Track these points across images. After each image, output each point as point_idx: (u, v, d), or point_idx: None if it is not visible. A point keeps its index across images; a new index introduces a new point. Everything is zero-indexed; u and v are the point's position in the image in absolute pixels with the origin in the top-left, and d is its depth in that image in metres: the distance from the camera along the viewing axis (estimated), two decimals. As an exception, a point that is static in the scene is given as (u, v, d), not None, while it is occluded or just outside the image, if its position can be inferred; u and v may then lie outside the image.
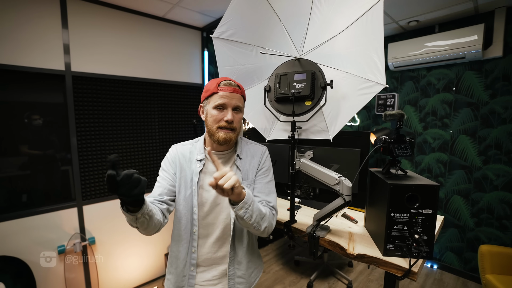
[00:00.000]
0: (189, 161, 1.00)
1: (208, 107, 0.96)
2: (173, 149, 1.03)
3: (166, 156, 1.03)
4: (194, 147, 1.03)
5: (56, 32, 1.88)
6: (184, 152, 1.01)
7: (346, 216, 1.32)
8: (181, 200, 0.97)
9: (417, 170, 2.75)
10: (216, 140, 0.94)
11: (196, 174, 0.97)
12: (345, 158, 1.15)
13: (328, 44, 1.19)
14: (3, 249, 1.77)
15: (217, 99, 0.93)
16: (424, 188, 0.90)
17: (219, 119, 0.93)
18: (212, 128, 0.94)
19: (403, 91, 2.80)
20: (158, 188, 0.97)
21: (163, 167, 1.01)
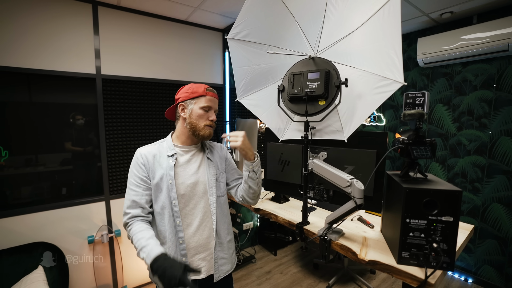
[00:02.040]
0: (159, 159, 1.06)
1: (194, 107, 1.07)
2: (139, 153, 1.07)
3: (134, 161, 1.06)
4: (161, 146, 1.10)
5: (88, 38, 2.05)
6: (152, 152, 1.07)
7: (362, 220, 1.27)
8: (161, 197, 1.04)
9: (450, 174, 2.53)
10: (202, 135, 1.08)
11: (171, 168, 1.05)
12: (360, 160, 1.11)
13: (344, 42, 1.15)
14: (43, 235, 1.97)
15: (205, 102, 1.08)
16: (443, 193, 0.83)
17: (205, 118, 1.08)
18: (199, 125, 1.07)
19: (435, 89, 2.60)
20: (136, 196, 1.02)
21: (134, 173, 1.04)
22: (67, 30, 1.97)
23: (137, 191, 1.02)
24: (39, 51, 1.89)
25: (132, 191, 1.02)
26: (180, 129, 1.12)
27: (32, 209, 1.95)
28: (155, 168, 1.05)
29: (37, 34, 1.87)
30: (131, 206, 1.01)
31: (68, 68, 1.99)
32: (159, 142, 1.13)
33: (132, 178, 1.04)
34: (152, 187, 1.04)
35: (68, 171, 2.13)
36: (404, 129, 2.95)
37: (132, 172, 1.05)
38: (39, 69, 1.89)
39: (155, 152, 1.07)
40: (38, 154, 2.03)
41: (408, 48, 2.76)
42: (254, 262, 2.90)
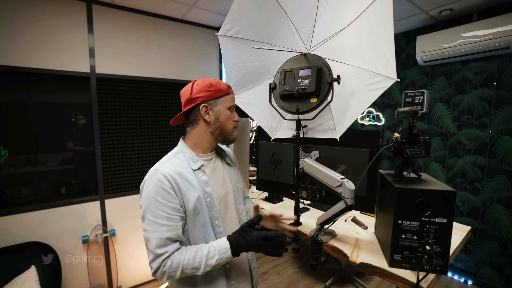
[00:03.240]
0: (186, 176, 0.84)
1: (221, 108, 0.91)
2: (162, 175, 0.80)
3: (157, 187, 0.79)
4: (179, 160, 0.88)
5: (82, 37, 2.03)
6: (177, 170, 0.84)
7: (356, 221, 1.23)
8: (199, 221, 0.84)
9: (449, 174, 2.49)
10: (232, 139, 0.95)
11: (205, 183, 0.87)
12: (353, 159, 1.08)
13: (337, 38, 1.12)
14: (37, 235, 1.95)
15: (231, 101, 0.94)
16: (437, 194, 0.80)
17: (231, 119, 0.94)
18: (228, 128, 0.93)
19: (434, 88, 2.56)
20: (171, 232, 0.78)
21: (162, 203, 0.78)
22: (61, 28, 1.95)
23: (171, 225, 0.78)
24: (33, 50, 1.87)
25: (163, 226, 0.77)
26: (200, 135, 0.91)
27: (26, 208, 1.93)
28: (187, 190, 0.83)
29: (31, 32, 1.85)
30: (165, 244, 0.77)
31: (62, 67, 1.97)
32: (173, 155, 0.89)
33: (160, 210, 0.78)
34: (188, 214, 0.82)
35: (62, 171, 2.11)
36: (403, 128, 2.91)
37: (157, 202, 0.78)
38: (33, 67, 1.87)
39: (179, 170, 0.84)
40: (33, 154, 2.01)
41: (407, 46, 2.72)
42: (251, 263, 2.87)
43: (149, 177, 0.82)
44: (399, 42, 2.79)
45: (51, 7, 1.91)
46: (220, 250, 0.79)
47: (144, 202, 0.80)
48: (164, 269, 0.76)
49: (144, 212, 0.79)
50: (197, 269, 0.77)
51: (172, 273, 0.76)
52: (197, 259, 0.77)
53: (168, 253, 0.77)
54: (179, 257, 0.77)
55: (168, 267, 0.76)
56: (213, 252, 0.78)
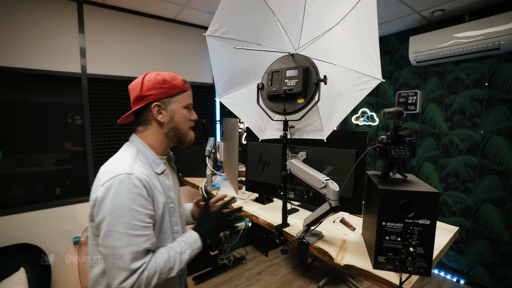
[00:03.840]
0: (153, 181, 0.77)
1: (177, 106, 0.83)
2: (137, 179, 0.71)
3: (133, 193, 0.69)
4: (141, 162, 0.79)
5: (73, 36, 2.01)
6: (146, 173, 0.76)
7: (344, 222, 1.23)
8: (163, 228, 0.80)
9: (442, 174, 2.50)
10: (189, 140, 0.88)
11: (169, 188, 0.82)
12: (340, 160, 1.07)
13: (324, 38, 1.12)
14: (27, 237, 1.93)
15: (187, 98, 0.86)
16: (420, 195, 0.79)
17: (188, 119, 0.87)
18: (184, 129, 0.86)
19: (427, 88, 2.56)
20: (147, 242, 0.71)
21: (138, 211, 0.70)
22: (51, 28, 1.93)
23: (148, 235, 0.71)
24: (24, 50, 1.85)
25: (141, 237, 0.69)
26: (155, 136, 0.83)
27: (17, 210, 1.91)
28: (156, 196, 0.77)
29: (22, 33, 1.83)
30: (141, 257, 0.69)
31: (53, 67, 1.95)
32: (134, 155, 0.78)
33: (136, 220, 0.69)
34: (156, 221, 0.77)
35: (54, 172, 2.09)
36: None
37: (133, 211, 0.69)
38: (25, 68, 1.85)
39: (147, 173, 0.77)
40: (27, 155, 1.99)
41: (401, 46, 2.72)
42: (245, 263, 2.87)
43: (118, 183, 0.69)
44: (393, 43, 2.79)
45: (41, 7, 1.88)
46: (190, 242, 0.79)
47: (113, 213, 0.67)
48: (140, 282, 0.68)
49: (112, 226, 0.67)
50: (171, 270, 0.74)
51: (148, 283, 0.69)
52: (171, 258, 0.74)
53: (145, 264, 0.70)
54: (154, 263, 0.71)
55: (144, 279, 0.68)
56: (185, 247, 0.78)
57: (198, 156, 1.98)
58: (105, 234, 0.68)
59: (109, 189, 0.69)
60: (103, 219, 0.69)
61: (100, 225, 0.69)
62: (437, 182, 2.54)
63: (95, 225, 0.73)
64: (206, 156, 1.81)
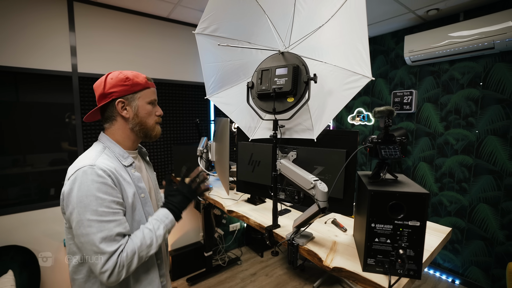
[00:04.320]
0: (120, 173, 0.82)
1: (141, 102, 0.87)
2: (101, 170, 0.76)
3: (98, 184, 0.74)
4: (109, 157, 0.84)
5: (64, 35, 1.97)
6: (112, 165, 0.81)
7: (336, 223, 1.21)
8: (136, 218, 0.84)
9: (437, 174, 2.49)
10: (155, 135, 0.93)
11: (139, 179, 0.87)
12: (330, 160, 1.05)
13: (315, 36, 1.10)
14: (15, 239, 1.89)
15: (151, 95, 0.90)
16: (410, 196, 0.77)
17: (153, 114, 0.91)
18: (149, 124, 0.90)
19: (422, 88, 2.55)
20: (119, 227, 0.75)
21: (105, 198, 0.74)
22: (41, 26, 1.89)
23: (118, 220, 0.76)
24: (13, 48, 1.81)
25: (111, 223, 0.73)
26: (121, 132, 0.88)
27: (5, 211, 1.87)
28: (125, 186, 0.81)
29: (10, 31, 1.80)
30: (116, 240, 0.73)
31: (43, 66, 1.92)
32: (100, 151, 0.84)
33: (104, 207, 0.73)
34: (127, 210, 0.81)
35: (44, 173, 2.06)
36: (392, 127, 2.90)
37: (99, 198, 0.73)
38: (18, 66, 1.82)
39: (113, 165, 0.81)
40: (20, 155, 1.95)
41: (396, 46, 2.71)
42: (240, 264, 2.84)
43: (82, 175, 0.73)
44: (388, 42, 2.78)
45: (30, 5, 1.85)
46: (161, 218, 0.84)
47: (80, 203, 0.71)
48: (121, 263, 0.72)
49: (81, 215, 0.71)
50: (150, 247, 0.79)
51: (129, 263, 0.74)
52: (147, 236, 0.79)
53: (122, 247, 0.74)
54: (131, 244, 0.75)
55: (124, 259, 0.73)
56: (157, 224, 0.82)
57: (191, 156, 1.96)
58: (76, 224, 0.72)
59: (74, 182, 0.74)
60: (72, 210, 0.73)
61: (71, 216, 0.73)
62: (432, 182, 2.53)
63: (66, 217, 0.77)
64: (198, 156, 1.78)
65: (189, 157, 1.92)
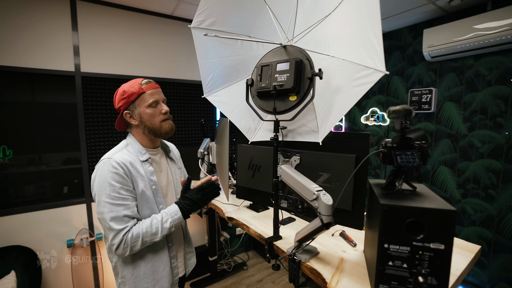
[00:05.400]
0: (136, 166, 0.96)
1: (141, 108, 0.97)
2: (115, 162, 0.91)
3: (112, 173, 0.89)
4: (129, 152, 0.99)
5: (66, 34, 1.95)
6: (128, 159, 0.95)
7: (344, 236, 1.08)
8: (148, 205, 0.96)
9: (460, 179, 2.28)
10: (164, 132, 1.00)
11: (151, 173, 0.99)
12: (337, 166, 0.93)
13: (321, 27, 0.98)
14: (18, 239, 1.89)
15: (148, 98, 0.97)
16: (432, 213, 0.64)
17: (157, 114, 0.99)
18: (156, 124, 0.98)
19: (443, 85, 2.35)
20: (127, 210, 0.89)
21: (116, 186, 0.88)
22: (43, 25, 1.87)
23: (126, 204, 0.89)
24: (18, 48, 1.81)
25: (120, 206, 0.88)
26: (138, 135, 1.03)
27: (8, 211, 1.87)
28: (136, 177, 0.94)
29: (13, 31, 1.79)
30: (123, 221, 0.87)
31: (45, 66, 1.90)
32: (122, 146, 1.00)
33: (115, 192, 0.88)
34: (138, 197, 0.95)
35: (47, 172, 2.05)
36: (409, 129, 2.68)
37: (112, 185, 0.88)
38: (13, 66, 1.81)
39: (129, 159, 0.95)
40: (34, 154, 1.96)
41: (414, 41, 2.52)
42: (246, 269, 2.75)
43: (102, 165, 0.90)
44: (405, 37, 2.59)
45: (33, 4, 1.83)
46: (171, 213, 0.93)
47: (99, 187, 0.88)
48: (126, 241, 0.86)
49: (99, 196, 0.87)
50: (155, 235, 0.90)
51: (133, 243, 0.87)
52: (154, 225, 0.90)
53: (128, 228, 0.87)
54: (137, 228, 0.88)
55: (129, 239, 0.86)
56: (166, 217, 0.92)
57: (191, 158, 1.88)
58: (96, 204, 0.89)
59: (97, 171, 0.92)
60: (95, 193, 0.90)
61: (94, 198, 0.90)
62: (454, 188, 2.33)
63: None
64: (199, 158, 1.70)
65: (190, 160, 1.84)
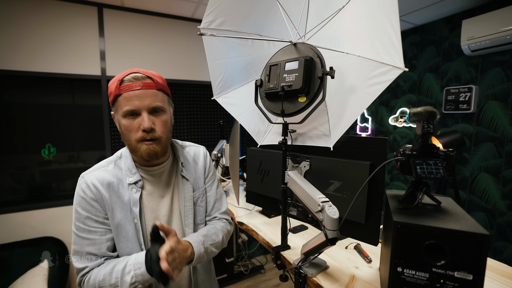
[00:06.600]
0: (117, 188, 0.74)
1: (118, 115, 0.71)
2: (84, 184, 0.72)
3: (79, 197, 0.72)
4: (117, 168, 0.76)
5: (94, 40, 2.07)
6: (106, 179, 0.74)
7: (359, 249, 0.99)
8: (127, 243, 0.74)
9: (506, 188, 2.00)
10: (140, 156, 0.72)
11: (135, 202, 0.74)
12: (350, 174, 0.84)
13: (334, 21, 0.90)
14: (52, 231, 2.05)
15: (124, 104, 0.69)
16: (457, 236, 0.54)
17: (135, 129, 0.70)
18: (131, 143, 0.71)
19: (486, 82, 2.08)
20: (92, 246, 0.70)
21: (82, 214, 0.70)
22: (74, 34, 2.01)
23: (92, 239, 0.70)
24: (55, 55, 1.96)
25: (84, 240, 0.70)
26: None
27: (48, 204, 2.04)
28: (112, 203, 0.73)
29: (48, 38, 1.94)
30: (85, 259, 0.70)
31: (75, 71, 2.04)
32: (113, 159, 0.79)
33: (80, 222, 0.70)
34: (113, 230, 0.73)
35: (84, 169, 2.20)
36: (443, 131, 2.46)
37: (77, 213, 0.71)
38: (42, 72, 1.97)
39: (110, 179, 0.74)
40: (75, 152, 2.12)
41: (451, 33, 2.27)
42: (263, 273, 2.70)
43: (77, 185, 0.75)
44: (440, 30, 2.35)
45: (64, 14, 1.98)
46: (135, 264, 0.66)
47: (73, 210, 0.74)
48: (84, 286, 0.69)
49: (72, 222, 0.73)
50: (115, 287, 0.66)
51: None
52: (114, 274, 0.67)
53: (87, 269, 0.70)
54: (96, 273, 0.69)
55: (85, 284, 0.69)
56: (129, 267, 0.67)
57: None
58: None
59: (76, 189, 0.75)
60: None
61: None
62: (498, 198, 2.05)
63: None
64: (213, 160, 1.69)
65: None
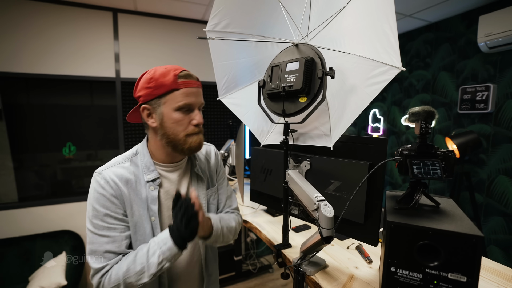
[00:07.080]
0: (135, 185, 0.73)
1: (166, 109, 0.70)
2: (103, 179, 0.70)
3: (97, 193, 0.70)
4: (134, 165, 0.76)
5: (109, 43, 2.17)
6: (124, 176, 0.73)
7: (361, 250, 0.99)
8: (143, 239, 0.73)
9: (526, 193, 1.90)
10: (188, 149, 0.73)
11: (153, 200, 0.74)
12: (349, 174, 0.84)
13: (336, 21, 0.91)
14: (70, 224, 2.17)
15: (181, 98, 0.70)
16: (450, 237, 0.54)
17: (186, 123, 0.72)
18: (179, 136, 0.72)
19: (505, 81, 1.99)
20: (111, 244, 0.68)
21: (101, 211, 0.69)
22: (90, 38, 2.12)
23: (112, 236, 0.69)
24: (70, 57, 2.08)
25: (103, 238, 0.68)
26: (154, 142, 0.78)
27: (67, 199, 2.16)
28: (131, 200, 0.72)
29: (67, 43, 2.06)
30: (104, 257, 0.68)
31: (93, 73, 2.15)
32: (129, 156, 0.77)
33: (99, 220, 0.68)
34: (130, 227, 0.72)
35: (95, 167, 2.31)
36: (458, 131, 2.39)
37: (95, 210, 0.69)
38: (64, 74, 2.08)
39: (128, 176, 0.73)
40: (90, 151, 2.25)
41: (467, 30, 2.18)
42: (271, 272, 2.72)
43: (92, 181, 0.72)
44: (456, 26, 2.26)
45: (81, 19, 2.08)
46: (159, 242, 0.66)
47: (87, 209, 0.71)
48: (104, 286, 0.66)
49: (86, 220, 0.70)
50: (141, 274, 0.65)
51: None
52: (138, 260, 0.65)
53: (108, 267, 0.67)
54: (117, 267, 0.66)
55: (106, 283, 0.65)
56: (153, 248, 0.66)
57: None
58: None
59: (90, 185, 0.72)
60: None
61: None
62: (517, 202, 1.95)
63: None
64: (220, 159, 1.73)
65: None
